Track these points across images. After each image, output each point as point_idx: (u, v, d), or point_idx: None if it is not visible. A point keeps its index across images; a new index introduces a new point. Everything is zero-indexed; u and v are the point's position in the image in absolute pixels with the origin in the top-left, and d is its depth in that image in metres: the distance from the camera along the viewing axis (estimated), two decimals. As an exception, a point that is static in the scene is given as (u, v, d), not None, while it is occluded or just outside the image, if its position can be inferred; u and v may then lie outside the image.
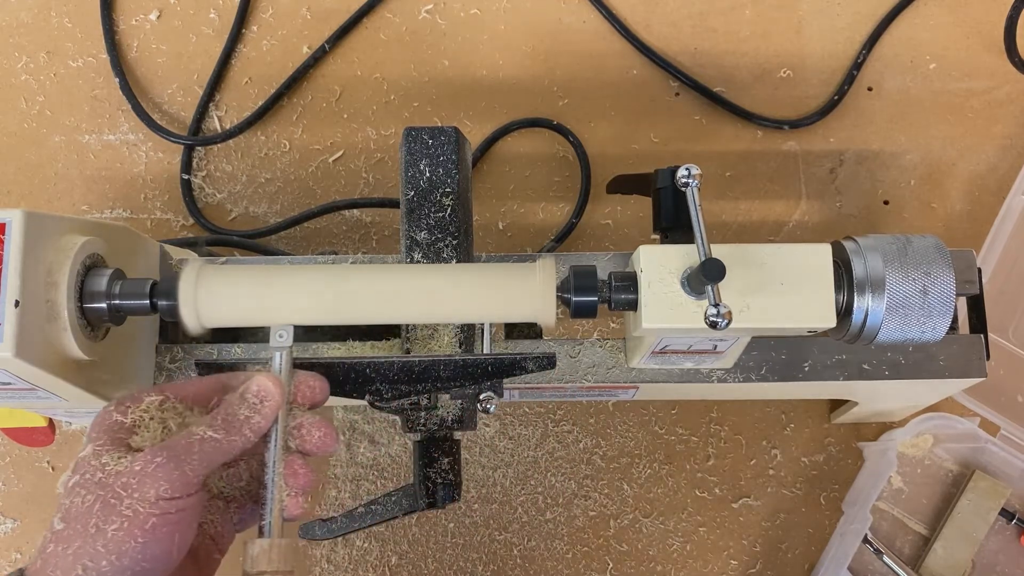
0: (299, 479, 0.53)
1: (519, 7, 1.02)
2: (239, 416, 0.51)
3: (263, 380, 0.53)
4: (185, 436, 0.50)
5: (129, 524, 0.47)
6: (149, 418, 0.51)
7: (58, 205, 0.97)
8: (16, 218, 0.56)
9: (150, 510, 0.47)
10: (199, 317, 0.57)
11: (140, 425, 0.51)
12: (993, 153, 0.97)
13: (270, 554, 0.50)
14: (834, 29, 1.01)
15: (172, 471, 0.48)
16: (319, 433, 0.54)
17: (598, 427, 0.90)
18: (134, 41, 1.02)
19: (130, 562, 0.47)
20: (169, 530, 0.48)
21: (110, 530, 0.47)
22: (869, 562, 0.85)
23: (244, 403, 0.52)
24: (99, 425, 0.51)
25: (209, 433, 0.50)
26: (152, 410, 0.52)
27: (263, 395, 0.52)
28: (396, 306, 0.58)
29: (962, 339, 0.72)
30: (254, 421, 0.51)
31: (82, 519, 0.48)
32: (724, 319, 0.54)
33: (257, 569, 0.50)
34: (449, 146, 0.67)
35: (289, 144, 0.99)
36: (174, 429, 0.51)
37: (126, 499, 0.47)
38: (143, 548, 0.47)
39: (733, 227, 0.95)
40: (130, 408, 0.51)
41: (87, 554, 0.47)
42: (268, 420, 0.52)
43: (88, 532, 0.47)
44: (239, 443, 0.51)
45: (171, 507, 0.48)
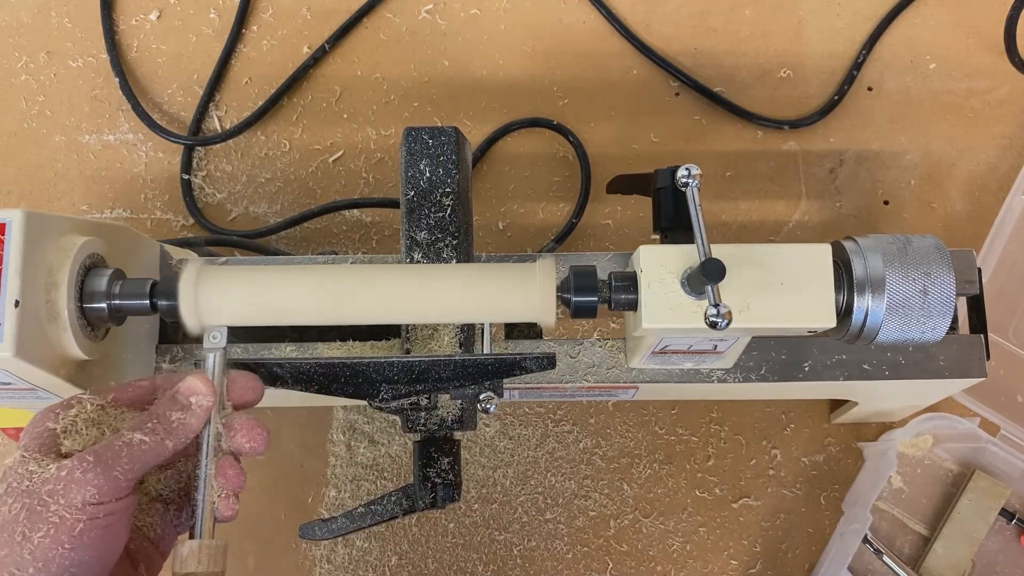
0: (230, 480, 0.53)
1: (519, 7, 1.02)
2: (170, 418, 0.51)
3: (193, 381, 0.52)
4: (114, 440, 0.49)
5: (56, 531, 0.46)
6: (81, 423, 0.51)
7: (58, 205, 0.97)
8: (16, 218, 0.56)
9: (77, 516, 0.47)
10: (199, 317, 0.57)
11: (71, 431, 0.50)
12: (993, 153, 0.97)
13: (199, 555, 0.50)
14: (834, 29, 1.01)
15: (99, 476, 0.47)
16: (250, 434, 0.54)
17: (598, 427, 0.90)
18: (134, 41, 1.02)
19: (57, 569, 0.47)
20: (98, 535, 0.47)
21: (36, 537, 0.47)
22: (869, 562, 0.85)
23: (175, 404, 0.51)
24: (29, 432, 0.50)
25: (139, 436, 0.49)
26: (83, 415, 0.51)
27: (193, 396, 0.52)
28: (396, 306, 0.58)
29: (962, 339, 0.72)
30: (185, 422, 0.51)
31: (8, 527, 0.47)
32: (724, 319, 0.54)
33: (186, 570, 0.50)
34: (449, 146, 0.67)
35: (289, 144, 0.99)
36: (107, 433, 0.51)
37: (52, 505, 0.47)
38: (71, 555, 0.47)
39: (733, 227, 0.95)
40: (60, 414, 0.51)
41: (13, 562, 0.46)
42: (200, 421, 0.52)
43: (15, 540, 0.47)
44: (170, 445, 0.50)
45: (99, 512, 0.47)
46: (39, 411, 0.52)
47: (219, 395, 0.53)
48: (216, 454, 0.53)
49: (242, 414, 0.55)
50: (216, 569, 0.50)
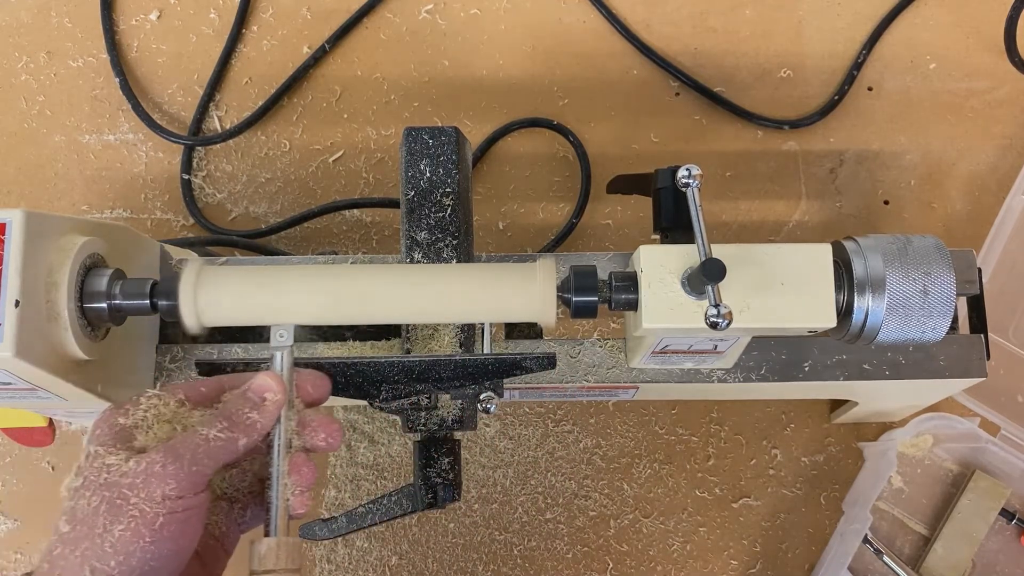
0: (303, 477, 0.53)
1: (519, 7, 1.02)
2: (242, 415, 0.51)
3: (265, 378, 0.53)
4: (190, 435, 0.50)
5: (136, 524, 0.47)
6: (152, 419, 0.51)
7: (58, 205, 0.97)
8: (16, 218, 0.56)
9: (157, 509, 0.47)
10: (199, 317, 0.57)
11: (142, 426, 0.51)
12: (993, 153, 0.97)
13: (277, 552, 0.50)
14: (834, 29, 1.01)
15: (178, 470, 0.48)
16: (325, 431, 0.54)
17: (598, 427, 0.90)
18: (134, 41, 1.02)
19: (138, 562, 0.47)
20: (176, 529, 0.48)
21: (117, 531, 0.47)
22: (869, 562, 0.85)
23: (247, 402, 0.52)
24: (101, 427, 0.51)
25: (213, 432, 0.50)
26: (153, 411, 0.52)
27: (265, 393, 0.52)
28: (396, 306, 0.58)
29: (962, 339, 0.72)
30: (257, 419, 0.51)
31: (88, 521, 0.48)
32: (724, 319, 0.54)
33: (264, 568, 0.50)
34: (449, 146, 0.67)
35: (289, 144, 0.99)
36: (178, 430, 0.51)
37: (132, 499, 0.47)
38: (151, 548, 0.47)
39: (733, 227, 0.95)
40: (131, 410, 0.51)
41: (95, 555, 0.47)
42: (271, 419, 0.52)
43: (95, 533, 0.47)
44: (243, 442, 0.51)
45: (178, 506, 0.48)
46: (107, 407, 0.52)
47: (289, 392, 0.54)
48: (288, 451, 0.53)
49: (314, 411, 0.55)
50: (294, 566, 0.51)
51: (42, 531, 0.88)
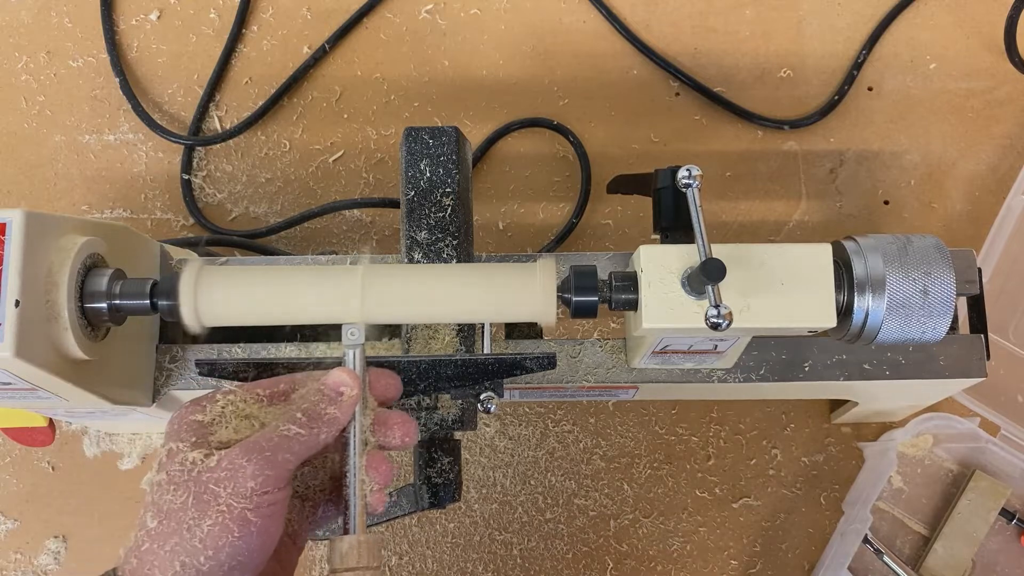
0: (381, 474, 0.53)
1: (519, 7, 1.02)
2: (321, 410, 0.51)
3: (340, 374, 0.53)
4: (271, 431, 0.50)
5: (225, 519, 0.47)
6: (229, 415, 0.52)
7: (58, 205, 0.97)
8: (16, 218, 0.56)
9: (244, 504, 0.48)
10: (199, 317, 0.57)
11: (219, 422, 0.51)
12: (993, 153, 0.97)
13: (359, 550, 0.50)
14: (834, 29, 1.01)
15: (264, 465, 0.48)
16: (401, 428, 0.54)
17: (598, 427, 0.90)
18: (134, 41, 1.02)
19: (226, 557, 0.48)
20: (263, 524, 0.48)
21: (206, 526, 0.47)
22: (869, 562, 0.85)
23: (323, 397, 0.52)
24: (179, 423, 0.51)
25: (294, 428, 0.50)
26: (230, 407, 0.52)
27: (341, 389, 0.52)
28: (396, 306, 0.58)
29: (962, 339, 0.72)
30: (335, 414, 0.52)
31: (176, 516, 0.48)
32: (725, 320, 0.54)
33: (347, 565, 0.50)
34: (449, 146, 0.67)
35: (289, 144, 0.99)
36: (255, 425, 0.52)
37: (220, 494, 0.48)
38: (238, 543, 0.48)
39: (733, 227, 0.95)
40: (208, 406, 0.52)
41: (184, 551, 0.47)
42: (348, 414, 0.52)
43: (183, 529, 0.47)
44: (323, 437, 0.51)
45: (264, 501, 0.48)
46: (183, 405, 0.53)
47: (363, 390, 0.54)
48: (364, 448, 0.53)
49: (392, 410, 0.55)
50: (375, 564, 0.51)
51: (42, 531, 0.88)
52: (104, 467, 0.90)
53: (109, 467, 0.90)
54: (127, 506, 0.89)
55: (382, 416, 0.54)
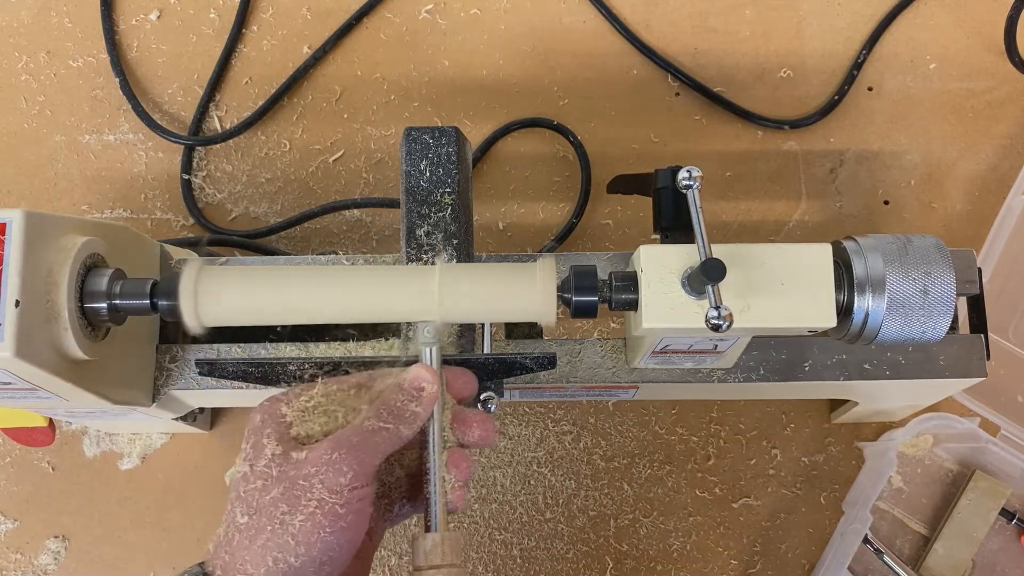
0: (461, 471, 0.53)
1: (519, 7, 1.02)
2: (403, 406, 0.52)
3: (419, 371, 0.53)
4: (357, 426, 0.50)
5: (317, 515, 0.48)
6: (312, 410, 0.52)
7: (58, 205, 0.97)
8: (16, 218, 0.56)
9: (336, 500, 0.48)
10: (199, 317, 0.57)
11: (303, 417, 0.52)
12: (993, 153, 0.97)
13: (442, 548, 0.51)
14: (834, 29, 1.01)
15: (354, 460, 0.49)
16: (480, 427, 0.55)
17: (598, 427, 0.90)
18: (134, 41, 1.02)
19: (318, 552, 0.48)
20: (352, 519, 0.49)
21: (297, 521, 0.48)
22: (869, 562, 0.85)
23: (404, 393, 0.52)
24: (262, 417, 0.52)
25: (379, 424, 0.50)
26: (313, 402, 0.52)
27: (421, 385, 0.53)
28: (396, 305, 0.58)
29: (962, 339, 0.72)
30: (416, 411, 0.52)
31: (267, 511, 0.48)
32: (725, 321, 0.54)
33: (431, 563, 0.50)
34: (449, 146, 0.67)
35: (289, 144, 0.99)
36: (339, 420, 0.52)
37: (311, 489, 0.48)
38: (330, 538, 0.48)
39: (733, 227, 0.95)
40: (292, 400, 0.52)
41: (276, 546, 0.48)
42: (428, 410, 0.53)
43: (275, 524, 0.48)
44: (405, 433, 0.51)
45: (354, 496, 0.49)
46: (267, 398, 0.53)
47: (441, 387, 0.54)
48: (444, 446, 0.53)
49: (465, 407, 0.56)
50: (458, 561, 0.51)
51: (42, 531, 0.88)
52: (104, 467, 0.90)
53: (109, 467, 0.90)
54: (127, 506, 0.89)
55: (461, 414, 0.55)
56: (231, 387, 0.70)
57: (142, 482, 0.90)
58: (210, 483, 0.89)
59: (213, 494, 0.89)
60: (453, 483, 0.53)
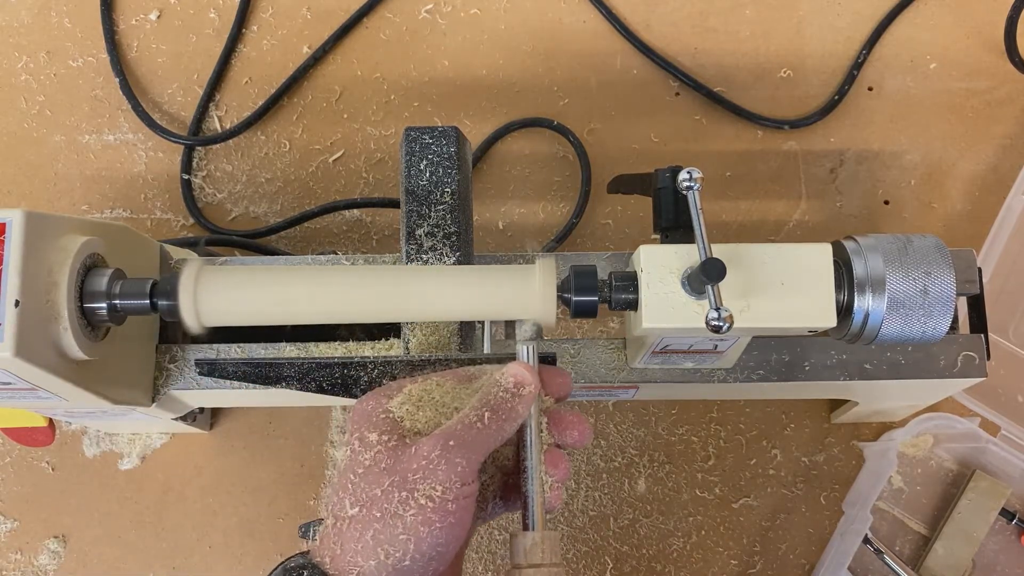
0: (560, 471, 0.53)
1: (519, 7, 1.02)
2: (504, 403, 0.51)
3: (518, 368, 0.53)
4: (461, 422, 0.50)
5: (427, 510, 0.48)
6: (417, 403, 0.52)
7: (58, 205, 0.97)
8: (16, 218, 0.56)
9: (445, 496, 0.48)
10: (199, 317, 0.57)
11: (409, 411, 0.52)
12: (993, 153, 0.97)
13: (542, 547, 0.50)
14: (834, 29, 1.01)
15: (463, 457, 0.49)
16: (577, 427, 0.54)
17: (598, 427, 0.90)
18: (134, 41, 1.02)
19: (428, 547, 0.48)
20: (461, 515, 0.49)
21: (408, 516, 0.48)
22: (869, 562, 0.85)
23: (504, 391, 0.52)
24: (367, 411, 0.52)
25: (484, 420, 0.50)
26: (416, 396, 0.52)
27: (521, 383, 0.52)
28: (396, 306, 0.58)
29: (962, 339, 0.72)
30: (516, 408, 0.52)
31: (379, 505, 0.48)
32: (726, 323, 0.54)
33: (531, 562, 0.50)
34: (449, 146, 0.67)
35: (289, 144, 0.99)
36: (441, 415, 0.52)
37: (421, 484, 0.48)
38: (439, 533, 0.48)
39: (733, 227, 0.95)
40: (395, 394, 0.52)
41: (387, 539, 0.48)
42: (526, 408, 0.52)
43: (387, 517, 0.48)
44: (508, 429, 0.51)
45: (462, 493, 0.48)
46: (368, 394, 0.53)
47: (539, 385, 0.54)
48: (542, 444, 0.53)
49: (563, 406, 0.55)
50: (557, 560, 0.51)
51: (42, 531, 0.88)
52: (104, 467, 0.90)
53: (109, 467, 0.90)
54: (127, 506, 0.89)
55: (558, 415, 0.54)
56: (231, 387, 0.70)
57: (142, 482, 0.90)
58: (210, 483, 0.89)
59: (213, 494, 0.89)
60: (551, 482, 0.53)
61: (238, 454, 0.90)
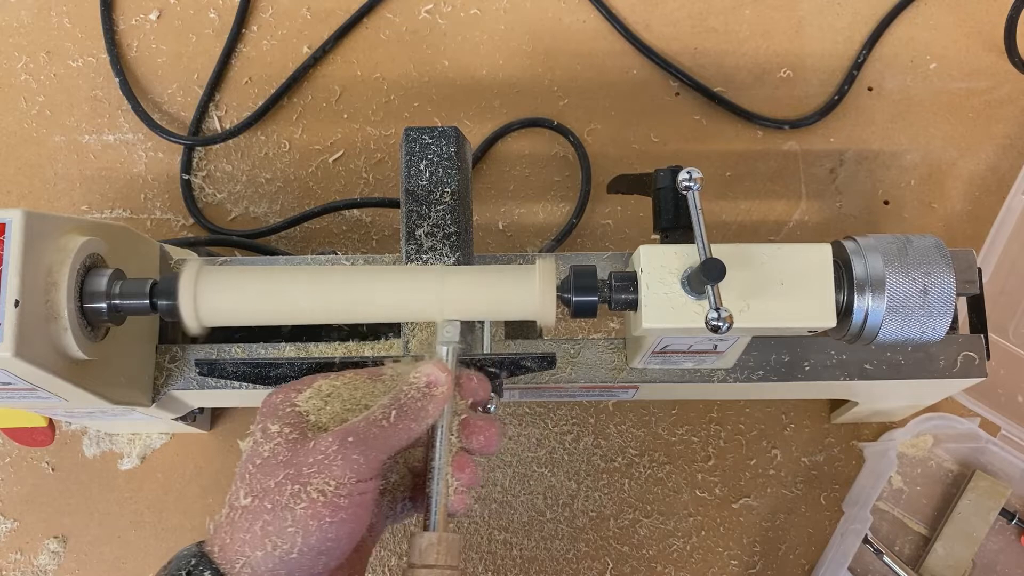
0: (467, 476, 0.53)
1: (519, 7, 1.02)
2: (414, 402, 0.51)
3: (432, 369, 0.53)
4: (366, 419, 0.50)
5: (317, 504, 0.48)
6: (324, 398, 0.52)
7: (58, 205, 0.97)
8: (16, 218, 0.56)
9: (338, 491, 0.48)
10: (199, 317, 0.57)
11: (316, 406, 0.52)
12: (993, 153, 0.97)
13: (438, 547, 0.50)
14: (834, 29, 1.01)
15: (360, 454, 0.49)
16: (484, 433, 0.54)
17: (598, 427, 0.90)
18: (134, 41, 1.02)
19: (316, 541, 0.48)
20: (353, 512, 0.49)
21: (299, 509, 0.48)
22: (869, 562, 0.85)
23: (416, 391, 0.52)
24: (275, 404, 0.52)
25: (388, 419, 0.50)
26: (325, 391, 0.52)
27: (433, 383, 0.52)
28: (396, 305, 0.58)
29: (962, 339, 0.72)
30: (426, 409, 0.52)
31: (271, 496, 0.48)
32: (725, 323, 0.54)
33: (424, 562, 0.50)
34: (449, 146, 0.67)
35: (289, 144, 0.99)
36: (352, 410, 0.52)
37: (314, 479, 0.48)
38: (329, 529, 0.48)
39: (733, 227, 0.95)
40: (304, 389, 0.52)
41: (275, 531, 0.48)
42: (439, 409, 0.52)
43: (277, 509, 0.48)
44: (415, 430, 0.51)
45: (356, 489, 0.48)
46: (275, 389, 0.53)
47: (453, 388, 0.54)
48: (451, 448, 0.53)
49: (478, 413, 0.55)
50: (453, 563, 0.50)
51: (42, 531, 0.88)
52: (104, 467, 0.90)
53: (109, 467, 0.90)
54: (127, 506, 0.89)
55: (467, 419, 0.54)
56: (231, 387, 0.70)
57: (142, 482, 0.90)
58: (210, 483, 0.89)
59: (213, 494, 0.89)
60: (456, 486, 0.53)
61: (238, 454, 0.90)
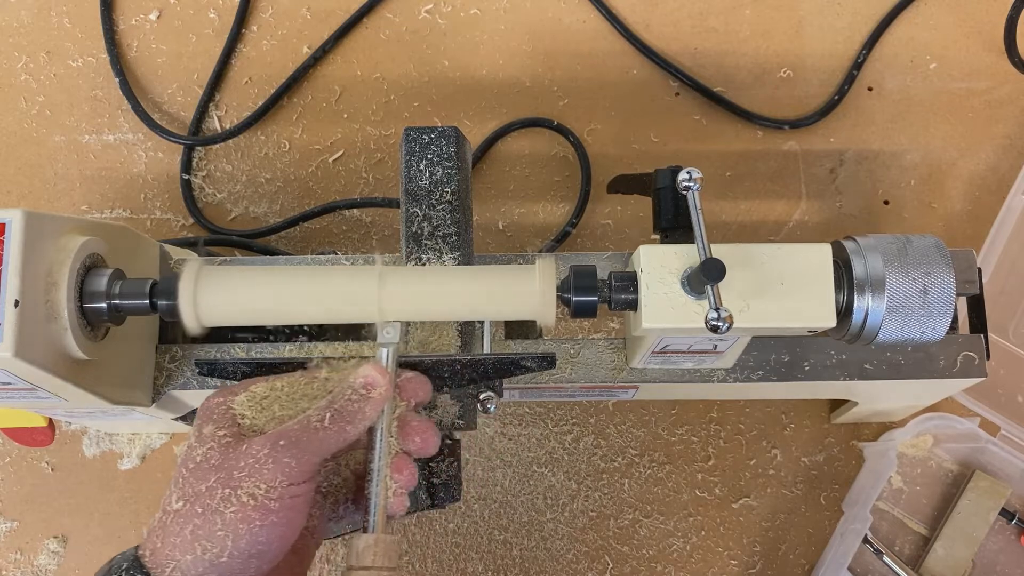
0: (404, 478, 0.53)
1: (519, 7, 1.02)
2: (350, 405, 0.51)
3: (371, 370, 0.52)
4: (300, 423, 0.50)
5: (247, 508, 0.48)
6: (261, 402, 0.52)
7: (58, 205, 0.97)
8: (16, 218, 0.56)
9: (268, 495, 0.48)
10: (199, 317, 0.57)
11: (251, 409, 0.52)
12: (993, 153, 0.97)
13: (375, 549, 0.50)
14: (834, 29, 1.01)
15: (292, 457, 0.48)
16: (421, 434, 0.54)
17: (598, 427, 0.90)
18: (134, 41, 1.02)
19: (246, 544, 0.48)
20: (284, 516, 0.48)
21: (229, 512, 0.48)
22: (869, 562, 0.85)
23: (353, 393, 0.52)
24: (211, 407, 0.52)
25: (323, 422, 0.50)
26: (261, 395, 0.52)
27: (371, 385, 0.52)
28: (396, 306, 0.58)
29: (962, 339, 0.72)
30: (363, 411, 0.51)
31: (201, 500, 0.48)
32: (725, 323, 0.54)
33: (361, 564, 0.50)
34: (449, 146, 0.67)
35: (289, 144, 0.99)
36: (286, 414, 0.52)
37: (245, 483, 0.48)
38: (259, 532, 0.48)
39: (733, 227, 0.95)
40: (240, 392, 0.52)
41: (205, 535, 0.48)
42: (375, 411, 0.52)
43: (208, 512, 0.48)
44: (351, 432, 0.51)
45: (287, 493, 0.48)
46: (214, 391, 0.53)
47: (392, 389, 0.54)
48: (390, 449, 0.53)
49: (416, 414, 0.55)
50: (391, 564, 0.50)
51: (42, 531, 0.88)
52: (104, 467, 0.90)
53: (109, 467, 0.90)
54: (127, 506, 0.89)
55: (404, 420, 0.54)
56: (231, 387, 0.70)
57: (142, 482, 0.90)
58: (210, 483, 0.89)
59: (213, 494, 0.89)
60: (395, 487, 0.53)
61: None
